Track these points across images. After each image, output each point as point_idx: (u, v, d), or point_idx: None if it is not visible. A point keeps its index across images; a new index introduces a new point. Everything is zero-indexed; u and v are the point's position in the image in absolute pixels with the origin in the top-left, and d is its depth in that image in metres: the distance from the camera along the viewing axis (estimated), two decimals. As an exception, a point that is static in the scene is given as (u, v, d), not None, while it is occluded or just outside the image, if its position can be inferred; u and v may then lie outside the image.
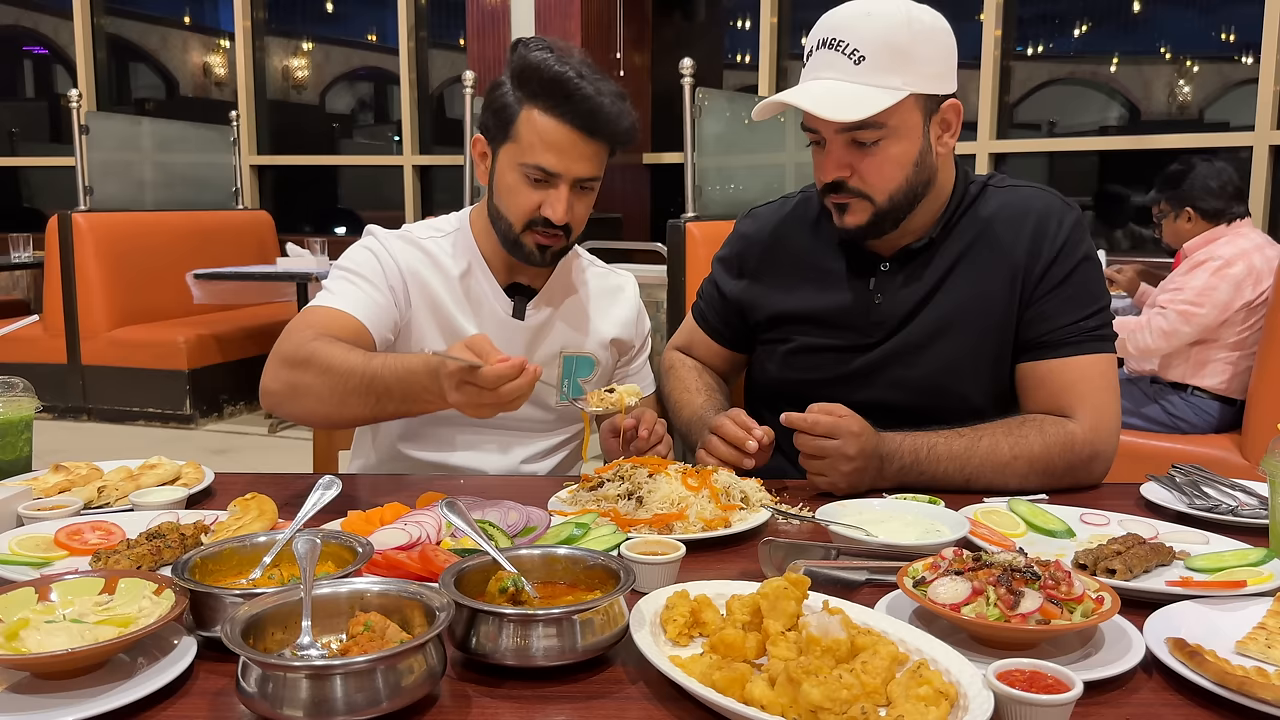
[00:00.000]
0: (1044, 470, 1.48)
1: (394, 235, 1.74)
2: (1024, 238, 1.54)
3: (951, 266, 1.57)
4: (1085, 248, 1.55)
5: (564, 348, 1.79)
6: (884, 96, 1.42)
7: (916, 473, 1.47)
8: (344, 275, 1.68)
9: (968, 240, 1.58)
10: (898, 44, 1.42)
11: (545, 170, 1.59)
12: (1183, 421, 3.41)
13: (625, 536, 1.23)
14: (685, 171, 4.58)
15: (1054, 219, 1.55)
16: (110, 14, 8.00)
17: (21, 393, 1.57)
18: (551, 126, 1.58)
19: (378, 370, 1.43)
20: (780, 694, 0.83)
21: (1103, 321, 1.54)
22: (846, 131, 1.46)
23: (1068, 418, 1.51)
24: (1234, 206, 3.44)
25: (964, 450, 1.47)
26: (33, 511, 1.31)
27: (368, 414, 1.48)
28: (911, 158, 1.49)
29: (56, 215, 5.64)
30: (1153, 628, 0.98)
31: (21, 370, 1.73)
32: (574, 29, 6.22)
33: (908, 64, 1.43)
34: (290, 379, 1.50)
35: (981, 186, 1.61)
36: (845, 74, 1.43)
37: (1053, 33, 6.30)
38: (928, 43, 1.45)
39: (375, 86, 8.55)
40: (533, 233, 1.64)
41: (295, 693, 0.82)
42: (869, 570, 1.13)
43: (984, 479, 1.47)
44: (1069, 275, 1.53)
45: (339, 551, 1.08)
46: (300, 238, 6.24)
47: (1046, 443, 1.48)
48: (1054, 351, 1.53)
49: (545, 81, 1.58)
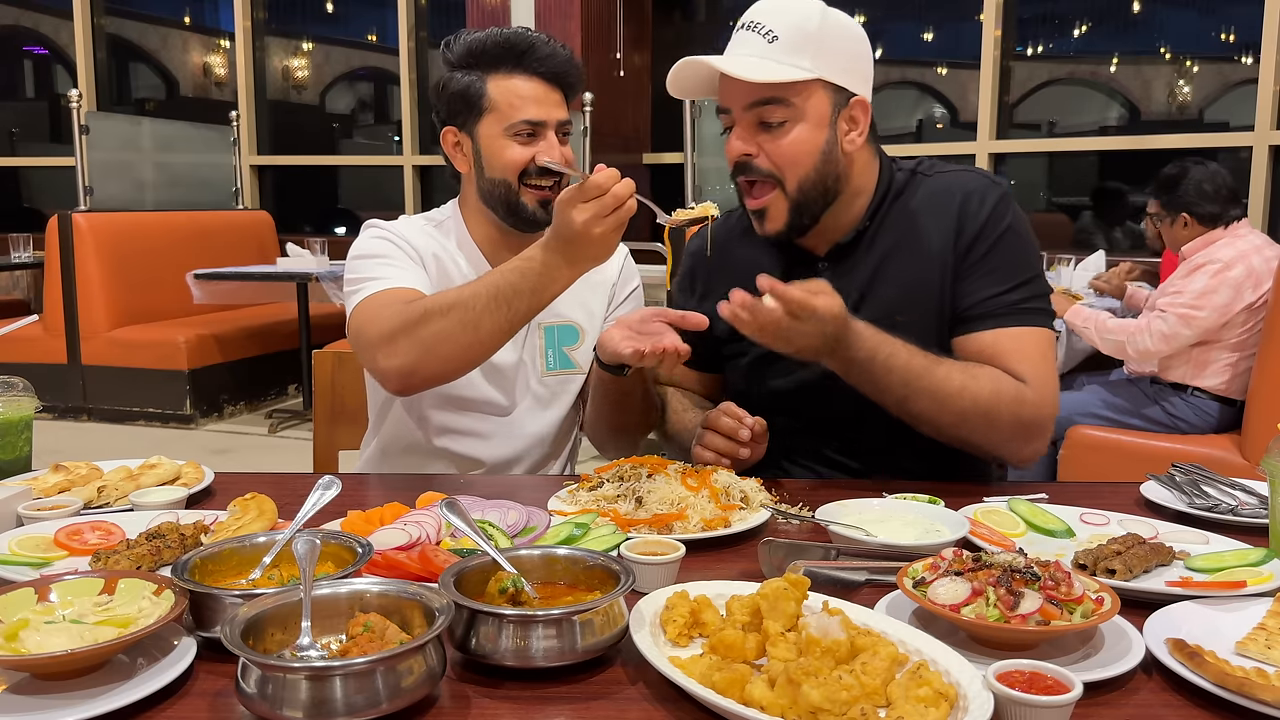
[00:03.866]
0: (986, 414, 1.46)
1: (396, 223, 1.80)
2: (950, 219, 1.55)
3: (885, 257, 1.58)
4: (1008, 221, 1.54)
5: (542, 319, 1.80)
6: (792, 71, 1.46)
7: (859, 372, 1.45)
8: (376, 261, 1.69)
9: (899, 230, 1.58)
10: (809, 30, 1.47)
11: (532, 122, 1.68)
12: (1183, 422, 3.41)
13: (625, 536, 1.23)
14: (685, 171, 4.59)
15: (976, 197, 1.55)
16: (110, 14, 8.00)
17: (21, 393, 1.57)
18: (522, 83, 1.69)
19: (495, 280, 1.49)
20: (780, 695, 0.83)
21: (1029, 295, 1.53)
22: (754, 108, 1.49)
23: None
24: (1230, 210, 3.44)
25: (919, 369, 1.45)
26: (33, 511, 1.31)
27: (503, 323, 1.50)
28: (819, 145, 1.50)
29: (56, 215, 5.64)
30: (1153, 628, 0.98)
31: (21, 370, 1.73)
32: (574, 29, 6.21)
33: (818, 50, 1.47)
34: (415, 340, 1.51)
35: (910, 174, 1.62)
36: (757, 50, 1.47)
37: (1053, 33, 6.31)
38: (840, 37, 1.51)
39: (375, 86, 8.56)
40: (529, 189, 1.71)
41: (295, 694, 0.82)
42: (869, 570, 1.13)
43: (921, 403, 1.46)
44: (991, 249, 1.53)
45: (339, 552, 1.08)
46: (300, 238, 6.24)
47: (997, 389, 1.46)
48: (980, 324, 1.52)
49: (500, 48, 1.69)
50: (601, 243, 1.42)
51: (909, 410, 1.48)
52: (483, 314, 1.48)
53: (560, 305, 1.78)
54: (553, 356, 1.83)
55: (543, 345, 1.83)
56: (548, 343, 1.83)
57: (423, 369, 1.54)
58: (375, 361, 1.56)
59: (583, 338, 1.85)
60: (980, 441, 1.51)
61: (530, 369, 1.82)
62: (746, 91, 1.48)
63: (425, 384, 1.61)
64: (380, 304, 1.60)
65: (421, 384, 1.60)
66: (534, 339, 1.82)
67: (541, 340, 1.82)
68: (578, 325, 1.85)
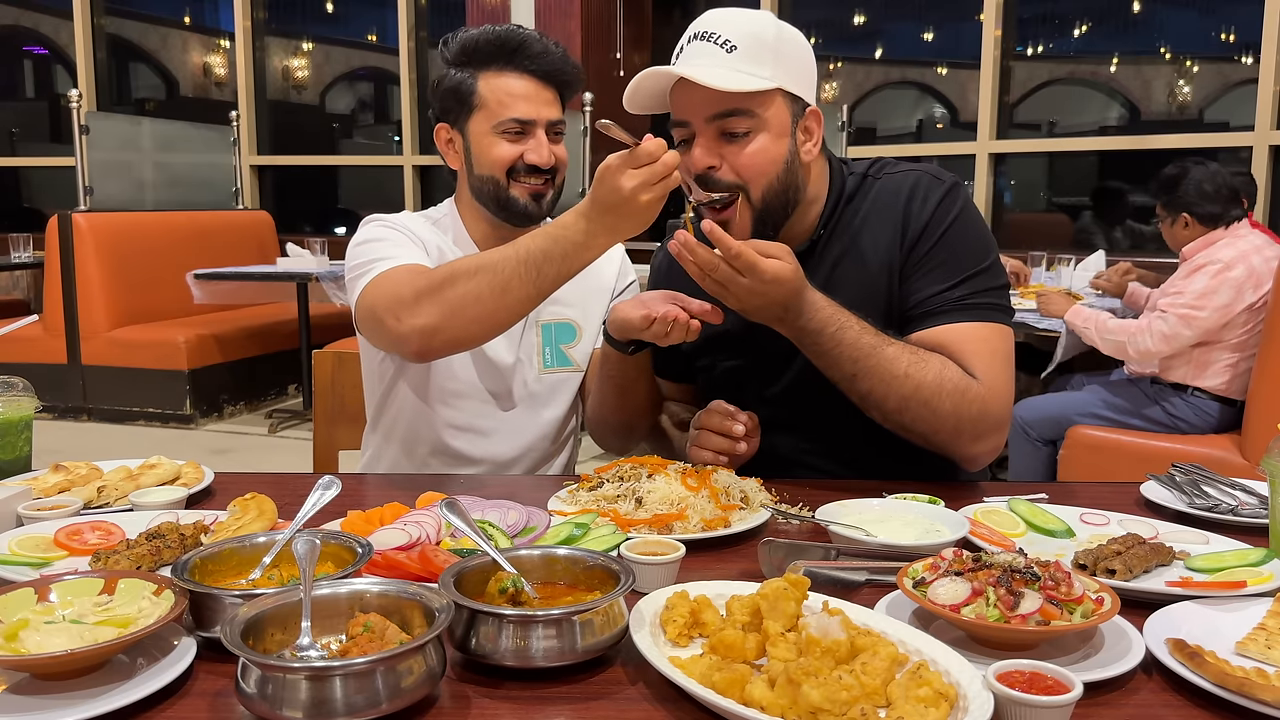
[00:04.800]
0: (927, 402, 1.43)
1: (396, 215, 1.80)
2: (895, 219, 1.53)
3: (835, 265, 1.56)
4: (953, 215, 1.51)
5: (539, 316, 1.81)
6: (756, 81, 1.43)
7: (812, 343, 1.44)
8: (382, 244, 1.67)
9: (849, 236, 1.56)
10: (766, 40, 1.46)
11: (520, 120, 1.69)
12: (1183, 422, 3.41)
13: (625, 536, 1.23)
14: (685, 171, 4.58)
15: (919, 196, 1.53)
16: (110, 14, 8.00)
17: (21, 392, 1.57)
18: (512, 80, 1.69)
19: (526, 244, 1.47)
20: (780, 695, 0.83)
21: (977, 289, 1.50)
22: (717, 120, 1.46)
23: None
24: (1231, 210, 3.43)
25: (868, 347, 1.43)
26: (32, 511, 1.31)
27: (531, 290, 1.48)
28: (782, 155, 1.48)
29: (56, 215, 5.64)
30: (1153, 628, 0.98)
31: (21, 370, 1.73)
32: (574, 29, 6.22)
33: (776, 59, 1.45)
34: (441, 300, 1.49)
35: (861, 178, 1.59)
36: (717, 60, 1.44)
37: (1053, 33, 6.31)
38: (793, 46, 1.49)
39: (375, 86, 8.55)
40: (519, 184, 1.71)
41: (295, 694, 0.82)
42: (869, 571, 1.13)
43: (868, 382, 1.44)
44: (935, 245, 1.50)
45: (339, 552, 1.08)
46: (300, 238, 6.24)
47: (942, 377, 1.44)
48: (927, 322, 1.50)
49: (492, 46, 1.69)
50: (646, 210, 1.40)
51: (857, 390, 1.46)
52: (511, 278, 1.46)
53: (558, 303, 1.79)
54: (550, 354, 1.83)
55: (540, 343, 1.83)
56: (545, 340, 1.83)
57: (447, 329, 1.51)
58: (399, 322, 1.51)
59: (580, 335, 1.85)
60: (924, 430, 1.47)
61: (527, 366, 1.82)
62: (709, 102, 1.44)
63: (447, 347, 1.57)
64: (396, 276, 1.57)
65: (444, 346, 1.56)
66: (531, 336, 1.82)
67: (539, 338, 1.83)
68: (575, 323, 1.85)
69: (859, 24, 6.94)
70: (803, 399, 1.58)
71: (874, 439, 1.54)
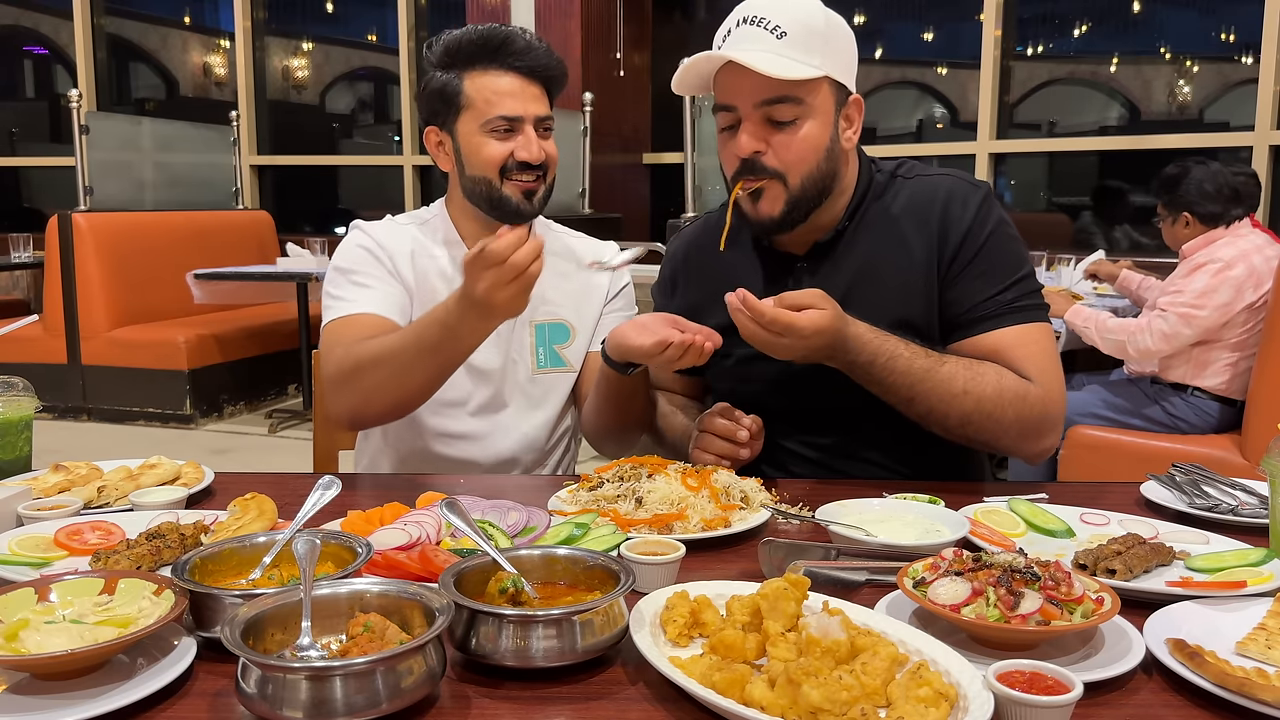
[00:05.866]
0: (990, 414, 1.46)
1: (379, 225, 1.81)
2: (933, 224, 1.54)
3: (865, 259, 1.57)
4: (993, 223, 1.53)
5: (533, 316, 1.81)
6: (806, 69, 1.44)
7: (866, 374, 1.46)
8: (346, 278, 1.73)
9: (879, 232, 1.57)
10: (816, 27, 1.46)
11: (508, 118, 1.68)
12: (1183, 422, 3.41)
13: (625, 536, 1.23)
14: (685, 171, 4.59)
15: (958, 201, 1.54)
16: (110, 14, 8.00)
17: (21, 392, 1.57)
18: (498, 78, 1.69)
19: (419, 330, 1.51)
20: (780, 695, 0.83)
21: (1024, 292, 1.53)
22: (765, 106, 1.47)
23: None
24: (1232, 209, 3.43)
25: (920, 372, 1.45)
26: (33, 511, 1.31)
27: (434, 373, 1.55)
28: (824, 143, 1.50)
29: (56, 215, 5.64)
30: (1153, 628, 0.98)
31: (21, 370, 1.73)
32: (574, 29, 6.21)
33: (825, 47, 1.46)
34: (355, 389, 1.58)
35: (890, 176, 1.61)
36: (768, 46, 1.44)
37: (1053, 33, 6.30)
38: (840, 35, 1.50)
39: (375, 86, 8.55)
40: (511, 181, 1.71)
41: (295, 694, 0.82)
42: (869, 571, 1.13)
43: (927, 403, 1.46)
44: (980, 252, 1.52)
45: (339, 552, 1.08)
46: (300, 238, 6.24)
47: (1001, 387, 1.47)
48: (979, 327, 1.52)
49: (475, 45, 1.70)
50: (508, 305, 1.41)
51: (915, 411, 1.48)
52: (412, 365, 1.52)
53: (550, 303, 1.80)
54: (543, 354, 1.83)
55: (533, 343, 1.82)
56: (538, 340, 1.83)
57: (365, 415, 1.63)
58: (329, 403, 1.64)
59: (573, 335, 1.84)
60: (987, 439, 1.50)
61: (520, 367, 1.82)
62: (759, 88, 1.46)
63: (373, 424, 1.69)
64: (334, 339, 1.66)
65: (369, 425, 1.67)
66: (523, 336, 1.81)
67: (531, 338, 1.82)
68: (568, 323, 1.85)
69: (859, 24, 6.93)
70: (816, 393, 1.57)
71: (887, 435, 1.55)
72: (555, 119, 1.77)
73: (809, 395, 1.59)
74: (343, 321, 1.69)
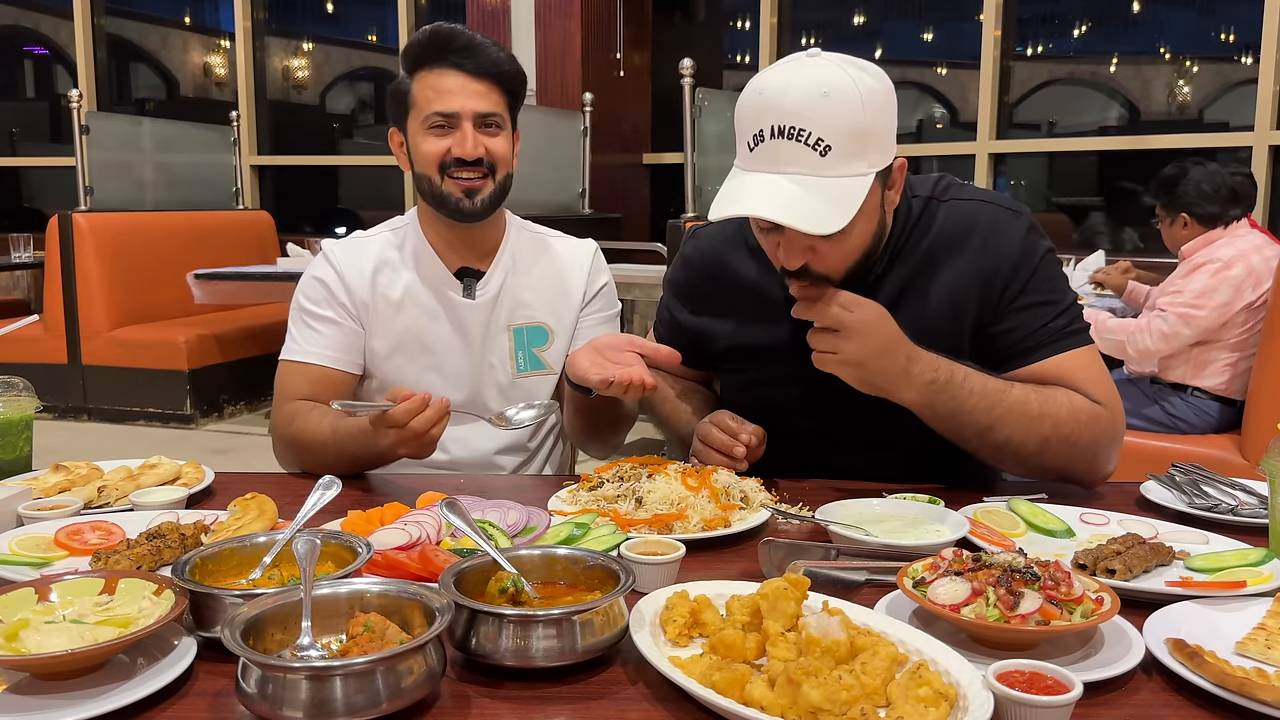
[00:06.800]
0: (1067, 437, 1.43)
1: (342, 245, 1.83)
2: (975, 255, 1.49)
3: (901, 290, 1.51)
4: (1038, 251, 1.50)
5: (509, 321, 1.81)
6: (855, 189, 1.31)
7: (947, 394, 1.39)
8: (301, 315, 1.80)
9: (916, 263, 1.52)
10: (859, 127, 1.29)
11: (442, 114, 1.69)
12: (1183, 422, 3.41)
13: (625, 536, 1.23)
14: (685, 171, 4.59)
15: (1001, 231, 1.49)
16: (110, 14, 7.99)
17: (21, 392, 1.57)
18: (438, 76, 1.70)
19: (343, 440, 1.61)
20: (780, 695, 0.83)
21: (1073, 317, 1.51)
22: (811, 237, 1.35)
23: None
24: (1230, 209, 3.43)
25: (996, 391, 1.41)
26: (33, 511, 1.31)
27: (359, 469, 1.65)
28: (871, 230, 1.42)
29: (57, 215, 5.63)
30: (1152, 628, 0.98)
31: (21, 370, 1.73)
32: (574, 29, 6.21)
33: (869, 144, 1.32)
34: (293, 458, 1.72)
35: (925, 202, 1.53)
36: (811, 167, 1.29)
37: (1053, 33, 6.31)
38: (881, 114, 1.33)
39: (375, 86, 8.55)
40: (451, 179, 1.71)
41: (295, 694, 0.82)
42: (869, 570, 1.13)
43: (1008, 428, 1.41)
44: (1029, 283, 1.48)
45: (339, 551, 1.08)
46: (300, 238, 6.25)
47: (1074, 409, 1.44)
48: (1037, 355, 1.48)
49: (424, 45, 1.72)
50: (414, 456, 1.54)
51: (993, 440, 1.43)
52: (335, 461, 1.62)
53: (528, 306, 1.81)
54: (523, 358, 1.82)
55: (512, 347, 1.82)
56: (517, 344, 1.82)
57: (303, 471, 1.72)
58: (274, 449, 1.77)
59: (552, 338, 1.84)
60: (1062, 464, 1.47)
61: (500, 371, 1.81)
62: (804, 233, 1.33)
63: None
64: (282, 385, 1.79)
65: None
66: (501, 341, 1.81)
67: (510, 342, 1.81)
68: (546, 326, 1.84)
69: (859, 24, 6.94)
70: (826, 413, 1.55)
71: (894, 455, 1.55)
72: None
73: (823, 422, 1.57)
74: (291, 367, 1.79)
